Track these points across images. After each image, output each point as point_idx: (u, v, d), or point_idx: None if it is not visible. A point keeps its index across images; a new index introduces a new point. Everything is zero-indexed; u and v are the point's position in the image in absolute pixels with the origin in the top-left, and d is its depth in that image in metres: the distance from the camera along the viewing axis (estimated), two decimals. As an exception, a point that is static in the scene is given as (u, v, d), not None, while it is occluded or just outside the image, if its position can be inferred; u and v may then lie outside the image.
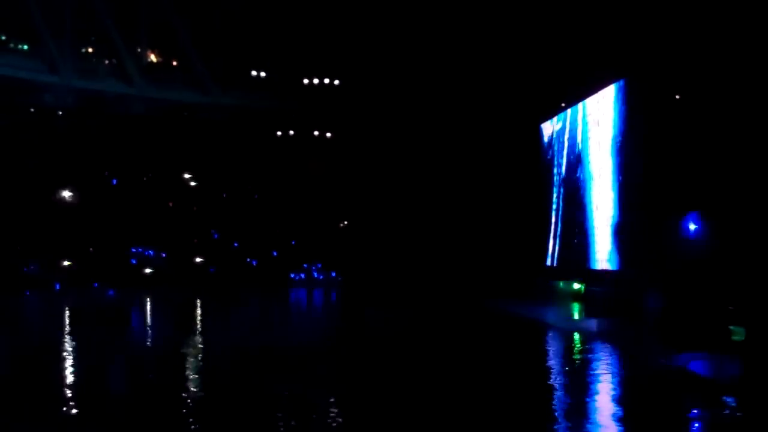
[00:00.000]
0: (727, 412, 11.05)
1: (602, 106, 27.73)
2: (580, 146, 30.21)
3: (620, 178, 25.73)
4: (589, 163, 29.13)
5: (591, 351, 17.72)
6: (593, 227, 28.21)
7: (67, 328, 22.57)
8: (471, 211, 38.75)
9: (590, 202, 28.83)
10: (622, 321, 21.36)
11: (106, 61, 46.67)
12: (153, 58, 48.37)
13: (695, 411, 11.38)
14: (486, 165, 38.38)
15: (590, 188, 28.81)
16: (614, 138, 26.40)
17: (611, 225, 26.39)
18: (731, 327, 16.89)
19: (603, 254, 26.93)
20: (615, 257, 25.73)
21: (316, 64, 47.60)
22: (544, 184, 34.54)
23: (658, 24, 24.03)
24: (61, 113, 45.60)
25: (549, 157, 34.26)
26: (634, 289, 22.81)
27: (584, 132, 29.67)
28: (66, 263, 40.83)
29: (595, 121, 28.36)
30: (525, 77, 34.68)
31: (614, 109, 26.45)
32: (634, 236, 24.38)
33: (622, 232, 25.48)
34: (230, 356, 16.03)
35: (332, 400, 11.59)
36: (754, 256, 19.24)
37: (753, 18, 20.40)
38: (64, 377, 13.64)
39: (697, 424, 10.76)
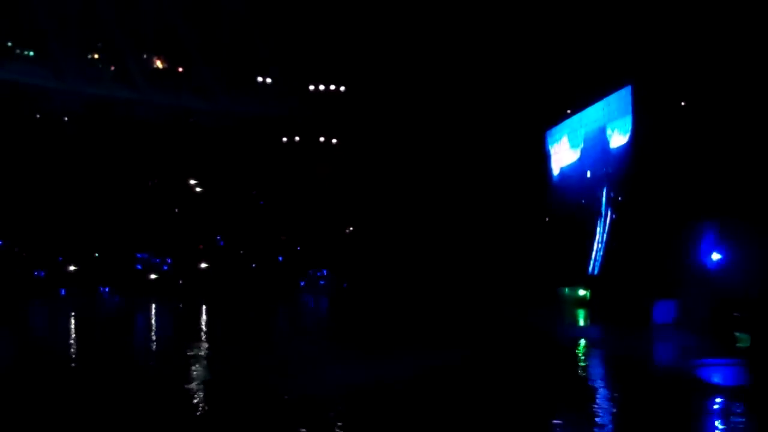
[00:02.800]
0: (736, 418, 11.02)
1: (609, 113, 27.75)
2: (589, 152, 30.23)
3: (628, 185, 25.75)
4: (597, 171, 29.13)
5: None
6: (605, 234, 28.19)
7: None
8: (476, 217, 38.72)
9: (601, 208, 28.83)
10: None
11: (112, 67, 46.80)
12: (159, 64, 48.52)
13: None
14: (490, 168, 38.41)
15: (600, 195, 28.81)
16: (622, 145, 26.40)
17: (620, 232, 26.39)
18: (737, 333, 16.90)
19: (611, 261, 26.91)
20: (622, 264, 25.72)
21: (322, 71, 47.71)
22: (553, 189, 34.58)
23: (664, 30, 24.07)
24: (66, 119, 45.70)
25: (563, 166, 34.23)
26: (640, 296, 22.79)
27: (592, 140, 29.67)
28: (71, 269, 40.86)
29: (603, 128, 28.38)
30: (532, 85, 34.73)
31: (620, 115, 26.45)
32: (642, 244, 24.38)
33: (631, 240, 25.47)
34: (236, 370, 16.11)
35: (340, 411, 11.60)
36: (759, 262, 19.21)
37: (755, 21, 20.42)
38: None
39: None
